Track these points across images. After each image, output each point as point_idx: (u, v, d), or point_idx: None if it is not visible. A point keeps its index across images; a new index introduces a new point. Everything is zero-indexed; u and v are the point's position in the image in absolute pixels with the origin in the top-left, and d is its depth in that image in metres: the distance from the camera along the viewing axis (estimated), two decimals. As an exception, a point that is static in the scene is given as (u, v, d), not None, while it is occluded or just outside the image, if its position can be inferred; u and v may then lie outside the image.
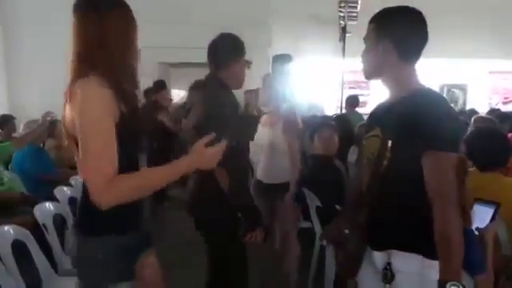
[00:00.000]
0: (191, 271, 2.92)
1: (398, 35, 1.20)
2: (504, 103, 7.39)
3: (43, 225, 2.17)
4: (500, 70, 7.35)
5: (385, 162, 1.18)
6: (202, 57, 6.29)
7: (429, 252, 1.16)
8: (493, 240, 1.60)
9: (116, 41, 1.07)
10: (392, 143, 1.17)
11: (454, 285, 1.03)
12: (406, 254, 1.19)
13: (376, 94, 6.67)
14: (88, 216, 1.11)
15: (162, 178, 1.07)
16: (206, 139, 1.12)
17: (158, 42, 6.20)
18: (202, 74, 1.82)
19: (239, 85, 1.87)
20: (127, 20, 1.11)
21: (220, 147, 1.14)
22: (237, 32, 1.88)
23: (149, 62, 6.44)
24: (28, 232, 1.95)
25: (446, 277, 1.06)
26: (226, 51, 1.79)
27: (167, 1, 6.28)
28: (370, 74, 1.30)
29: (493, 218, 1.57)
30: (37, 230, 2.12)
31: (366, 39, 1.28)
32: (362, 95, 6.10)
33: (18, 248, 1.85)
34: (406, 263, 1.19)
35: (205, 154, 1.11)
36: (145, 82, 6.06)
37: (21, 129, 4.41)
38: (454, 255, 1.08)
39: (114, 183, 0.98)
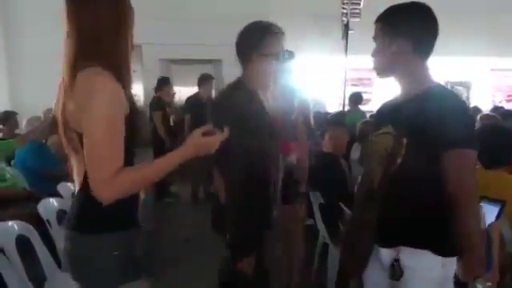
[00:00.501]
0: (190, 268, 2.94)
1: (413, 32, 1.19)
2: (507, 101, 7.37)
3: (47, 220, 2.17)
4: (502, 68, 7.33)
5: (399, 160, 1.18)
6: (203, 53, 6.33)
7: (438, 248, 1.17)
8: (498, 238, 1.60)
9: (115, 32, 1.04)
10: (408, 141, 1.16)
11: (481, 282, 1.05)
12: (416, 251, 1.19)
13: (379, 92, 6.66)
14: (88, 212, 1.06)
15: (160, 170, 1.07)
16: (203, 128, 1.12)
17: (159, 38, 6.20)
18: (202, 70, 1.78)
19: (263, 84, 1.57)
20: (124, 10, 1.07)
21: (219, 136, 1.12)
22: (237, 30, 1.67)
23: (150, 58, 6.45)
24: (32, 227, 1.95)
25: (473, 272, 1.09)
26: (245, 44, 1.55)
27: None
28: (383, 72, 1.29)
29: (498, 217, 1.57)
30: (41, 225, 2.12)
31: (376, 38, 1.27)
32: (365, 92, 6.08)
33: (22, 243, 1.86)
34: (416, 259, 1.19)
35: (201, 142, 1.10)
36: (147, 78, 6.08)
37: (23, 125, 4.43)
38: (479, 251, 1.11)
39: (118, 177, 0.97)
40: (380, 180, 1.25)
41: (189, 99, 4.77)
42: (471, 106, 6.09)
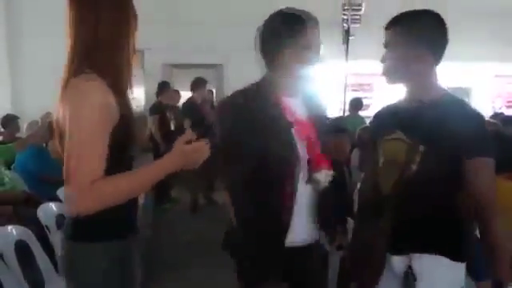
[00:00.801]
0: (189, 273, 2.92)
1: (428, 37, 1.19)
2: (508, 107, 7.37)
3: (46, 226, 2.17)
4: (504, 74, 7.33)
5: (413, 167, 1.17)
6: (205, 58, 6.32)
7: (452, 253, 1.18)
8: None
9: (115, 38, 1.02)
10: (426, 148, 1.15)
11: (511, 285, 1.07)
12: (430, 257, 1.18)
13: (379, 97, 6.66)
14: (83, 220, 0.99)
15: (142, 182, 1.01)
16: (186, 136, 1.05)
17: (161, 43, 6.23)
18: (204, 74, 1.72)
19: (294, 85, 1.27)
20: (126, 16, 1.05)
21: (202, 143, 1.05)
22: (238, 34, 1.46)
23: (152, 63, 6.48)
24: (31, 232, 1.95)
25: (501, 277, 1.11)
26: (273, 37, 1.23)
27: (170, 3, 6.30)
28: (395, 78, 1.26)
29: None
30: (40, 230, 2.12)
31: (389, 43, 1.24)
32: (365, 98, 6.08)
33: (21, 248, 1.85)
34: (430, 265, 1.19)
35: (185, 151, 1.03)
36: (149, 82, 6.10)
37: (24, 129, 4.44)
38: (506, 256, 1.13)
39: (94, 188, 0.93)
40: (393, 187, 1.22)
41: (184, 104, 4.77)
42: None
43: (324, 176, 1.24)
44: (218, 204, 4.78)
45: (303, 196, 1.25)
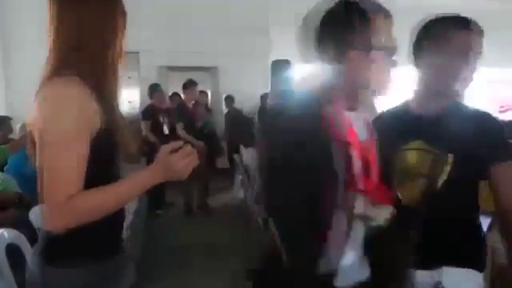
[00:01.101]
0: (187, 274, 2.91)
1: None
2: (500, 112, 7.44)
3: (38, 229, 2.15)
4: (497, 80, 7.40)
5: (444, 177, 1.13)
6: (200, 60, 6.31)
7: (480, 264, 1.17)
8: (490, 250, 1.60)
9: (100, 39, 0.94)
10: (455, 157, 1.13)
11: None
12: (460, 270, 1.15)
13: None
14: (59, 241, 0.90)
15: (122, 196, 0.93)
16: (171, 145, 0.96)
17: (157, 45, 6.22)
18: (200, 77, 1.70)
19: (354, 98, 0.99)
20: (113, 16, 0.97)
21: (188, 150, 0.95)
22: (236, 38, 1.41)
23: (148, 65, 6.46)
24: (23, 236, 1.93)
25: None
26: (339, 34, 0.93)
27: (166, 5, 6.30)
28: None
29: (489, 228, 1.58)
30: (31, 233, 2.10)
31: (482, 52, 1.17)
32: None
33: (13, 251, 1.83)
34: (459, 279, 1.15)
35: (170, 162, 0.93)
36: (145, 84, 6.07)
37: (17, 130, 4.39)
38: None
39: (70, 205, 0.85)
40: (420, 199, 1.16)
41: (177, 106, 4.75)
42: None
43: (379, 213, 0.98)
44: (213, 208, 4.78)
45: (357, 232, 0.99)
